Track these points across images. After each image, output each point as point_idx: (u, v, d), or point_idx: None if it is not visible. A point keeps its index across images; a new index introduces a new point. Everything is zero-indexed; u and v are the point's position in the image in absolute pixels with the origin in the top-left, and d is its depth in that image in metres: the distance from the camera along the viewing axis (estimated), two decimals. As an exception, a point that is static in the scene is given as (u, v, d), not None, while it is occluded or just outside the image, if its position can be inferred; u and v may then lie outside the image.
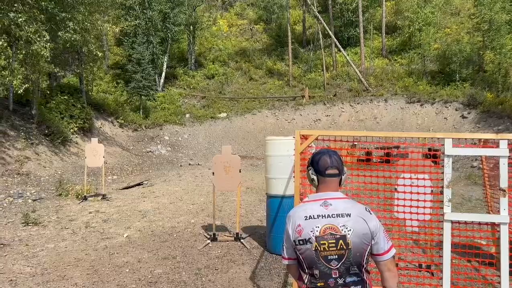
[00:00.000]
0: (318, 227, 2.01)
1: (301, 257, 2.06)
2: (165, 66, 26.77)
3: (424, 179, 4.79)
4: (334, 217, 2.01)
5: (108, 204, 9.82)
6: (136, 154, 18.72)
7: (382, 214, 5.33)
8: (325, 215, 2.03)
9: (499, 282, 3.29)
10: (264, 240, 6.55)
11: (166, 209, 9.17)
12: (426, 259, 5.50)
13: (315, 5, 30.15)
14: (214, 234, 6.65)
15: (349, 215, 2.02)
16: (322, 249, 1.98)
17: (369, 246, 2.04)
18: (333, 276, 1.99)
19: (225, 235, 6.86)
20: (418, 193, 4.70)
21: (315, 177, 2.16)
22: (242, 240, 6.51)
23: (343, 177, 2.16)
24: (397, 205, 4.91)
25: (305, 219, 2.03)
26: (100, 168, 11.40)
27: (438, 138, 3.53)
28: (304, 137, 3.47)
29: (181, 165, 17.63)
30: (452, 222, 3.33)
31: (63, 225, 7.85)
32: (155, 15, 25.37)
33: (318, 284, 2.02)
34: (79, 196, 10.45)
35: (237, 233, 6.61)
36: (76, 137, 16.49)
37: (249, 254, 6.04)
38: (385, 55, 28.05)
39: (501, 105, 20.02)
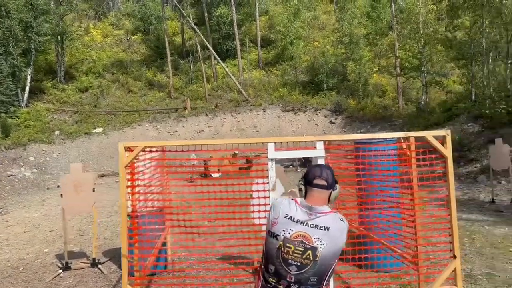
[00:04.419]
0: (292, 230, 1.96)
1: (265, 247, 2.05)
2: (29, 79, 24.20)
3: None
4: (312, 227, 1.96)
5: None
6: (-8, 179, 16.37)
7: (245, 222, 5.34)
8: (304, 222, 1.97)
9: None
10: (124, 262, 6.11)
11: (18, 238, 8.08)
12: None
13: (191, 17, 30.23)
14: (66, 263, 5.98)
15: (328, 229, 1.96)
16: (285, 251, 1.95)
17: (336, 260, 2.02)
18: (288, 279, 1.97)
19: (81, 262, 6.24)
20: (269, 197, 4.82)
21: (303, 187, 2.10)
22: (99, 266, 5.97)
23: (332, 192, 2.07)
24: (253, 211, 4.99)
25: (285, 217, 2.00)
26: None
27: (287, 142, 3.68)
28: (130, 150, 3.25)
29: (48, 188, 15.93)
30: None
31: None
32: (15, 24, 22.80)
33: (270, 280, 2.01)
34: None
35: (93, 259, 6.05)
36: None
37: (105, 280, 5.56)
38: (262, 67, 29.34)
39: (362, 111, 22.38)
